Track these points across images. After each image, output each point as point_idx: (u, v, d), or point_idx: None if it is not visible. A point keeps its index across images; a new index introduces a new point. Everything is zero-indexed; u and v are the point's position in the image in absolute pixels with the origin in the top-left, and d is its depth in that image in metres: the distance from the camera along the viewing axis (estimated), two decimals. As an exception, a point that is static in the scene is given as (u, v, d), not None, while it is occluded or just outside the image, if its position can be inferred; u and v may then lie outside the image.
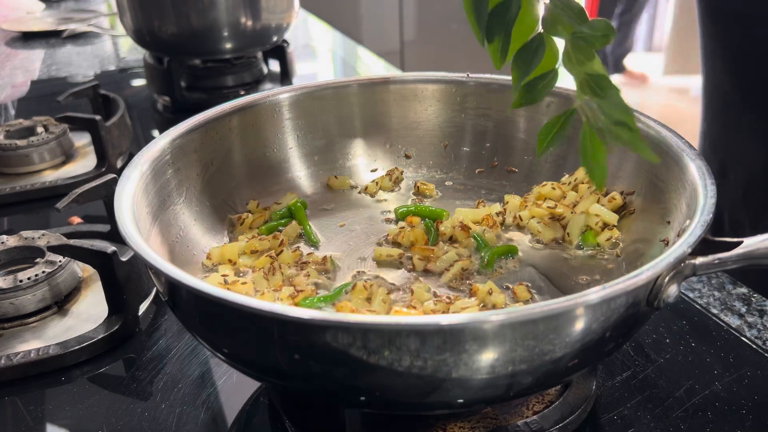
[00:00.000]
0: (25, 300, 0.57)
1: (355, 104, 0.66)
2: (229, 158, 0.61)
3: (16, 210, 0.82)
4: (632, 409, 0.48)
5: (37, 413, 0.50)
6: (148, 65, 1.13)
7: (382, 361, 0.34)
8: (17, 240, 0.63)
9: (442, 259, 0.54)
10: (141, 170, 0.50)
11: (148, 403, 0.50)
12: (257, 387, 0.52)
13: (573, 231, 0.56)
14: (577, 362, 0.38)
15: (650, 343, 0.54)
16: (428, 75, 0.66)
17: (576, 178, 0.59)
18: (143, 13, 1.03)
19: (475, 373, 0.35)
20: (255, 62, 1.15)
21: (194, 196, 0.57)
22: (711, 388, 0.50)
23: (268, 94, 0.63)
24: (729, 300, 0.60)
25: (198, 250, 0.55)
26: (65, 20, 1.67)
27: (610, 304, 0.36)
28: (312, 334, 0.34)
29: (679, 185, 0.48)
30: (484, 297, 0.48)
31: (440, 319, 0.33)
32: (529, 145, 0.63)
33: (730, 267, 0.41)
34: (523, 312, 0.34)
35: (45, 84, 1.28)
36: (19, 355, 0.54)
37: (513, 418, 0.45)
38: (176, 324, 0.59)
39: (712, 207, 0.42)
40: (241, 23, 1.03)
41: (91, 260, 0.56)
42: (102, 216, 0.71)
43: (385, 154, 0.68)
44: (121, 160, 0.90)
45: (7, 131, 0.89)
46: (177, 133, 0.55)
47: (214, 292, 0.35)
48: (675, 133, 0.51)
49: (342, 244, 0.58)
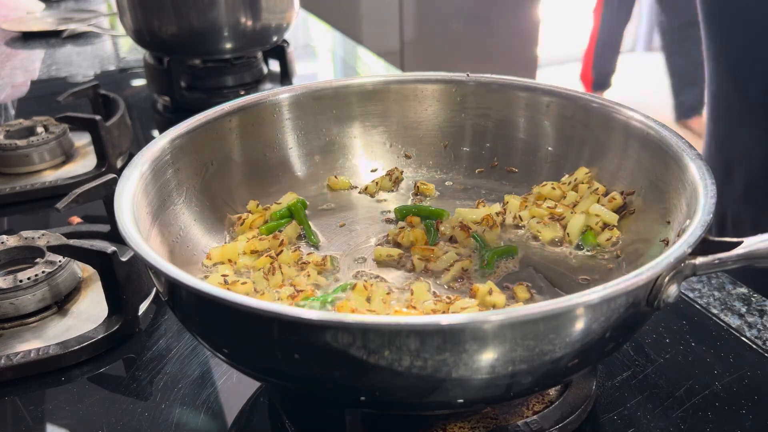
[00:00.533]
0: (25, 300, 0.57)
1: (355, 104, 0.66)
2: (229, 158, 0.61)
3: (16, 210, 0.82)
4: (632, 409, 0.48)
5: (37, 413, 0.50)
6: (148, 65, 1.13)
7: (382, 361, 0.34)
8: (17, 240, 0.63)
9: (442, 259, 0.54)
10: (141, 170, 0.50)
11: (148, 403, 0.50)
12: (257, 387, 0.52)
13: (573, 231, 0.56)
14: (577, 362, 0.38)
15: (650, 343, 0.54)
16: (428, 75, 0.66)
17: (576, 178, 0.59)
18: (143, 13, 1.03)
19: (475, 373, 0.35)
20: (255, 62, 1.15)
21: (194, 196, 0.57)
22: (711, 388, 0.50)
23: (268, 94, 0.63)
24: (729, 300, 0.60)
25: (198, 250, 0.55)
26: (65, 20, 1.67)
27: (610, 304, 0.36)
28: (312, 334, 0.34)
29: (679, 185, 0.48)
30: (484, 297, 0.48)
31: (440, 319, 0.33)
32: (529, 145, 0.63)
33: (730, 267, 0.41)
34: (523, 312, 0.34)
35: (45, 84, 1.28)
36: (19, 355, 0.54)
37: (513, 418, 0.45)
38: (176, 324, 0.59)
39: (712, 207, 0.42)
40: (241, 23, 1.03)
41: (91, 260, 0.56)
42: (102, 216, 0.71)
43: (385, 154, 0.68)
44: (121, 160, 0.90)
45: (7, 131, 0.89)
46: (177, 133, 0.55)
47: (214, 292, 0.35)
48: (675, 133, 0.51)
49: (342, 244, 0.58)
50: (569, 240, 0.56)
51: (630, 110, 0.55)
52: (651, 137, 0.53)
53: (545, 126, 0.62)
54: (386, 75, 0.67)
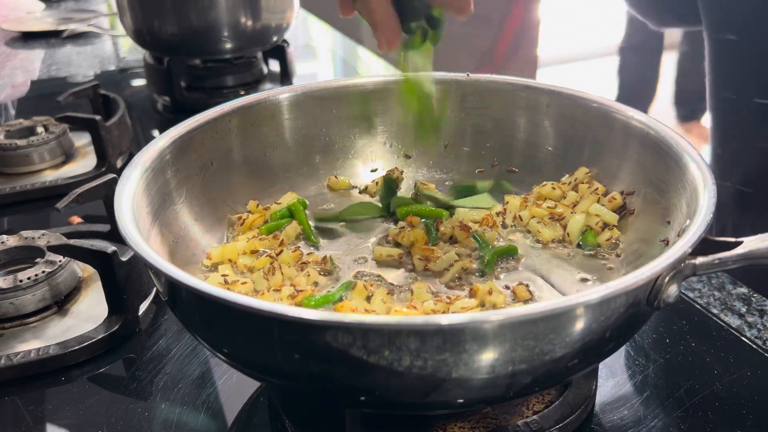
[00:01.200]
0: (25, 300, 0.57)
1: (355, 104, 0.66)
2: (229, 158, 0.61)
3: (16, 210, 0.82)
4: (632, 409, 0.48)
5: (37, 413, 0.50)
6: (148, 65, 1.13)
7: (382, 361, 0.34)
8: (17, 240, 0.63)
9: (442, 259, 0.54)
10: (141, 170, 0.50)
11: (148, 403, 0.50)
12: (257, 387, 0.52)
13: (573, 231, 0.56)
14: (577, 362, 0.38)
15: (650, 343, 0.54)
16: (428, 75, 0.66)
17: (576, 178, 0.59)
18: (143, 13, 1.03)
19: (475, 373, 0.35)
20: (255, 62, 1.15)
21: (194, 196, 0.56)
22: (711, 388, 0.50)
23: (268, 94, 0.63)
24: (729, 300, 0.60)
25: (198, 250, 0.55)
26: (65, 20, 1.67)
27: (610, 304, 0.36)
28: (312, 334, 0.34)
29: (679, 185, 0.48)
30: (484, 297, 0.48)
31: (440, 319, 0.33)
32: (529, 145, 0.63)
33: (730, 267, 0.41)
34: (523, 312, 0.34)
35: (45, 84, 1.28)
36: (19, 355, 0.54)
37: (513, 418, 0.45)
38: (176, 324, 0.58)
39: (712, 207, 0.42)
40: (241, 23, 1.03)
41: (91, 260, 0.56)
42: (102, 216, 0.71)
43: (385, 154, 0.68)
44: (121, 160, 0.90)
45: (7, 131, 0.89)
46: (177, 133, 0.55)
47: (214, 292, 0.35)
48: (675, 133, 0.51)
49: (342, 244, 0.58)
50: (569, 240, 0.56)
51: (630, 110, 0.55)
52: (651, 137, 0.53)
53: (545, 126, 0.62)
54: (386, 75, 0.67)
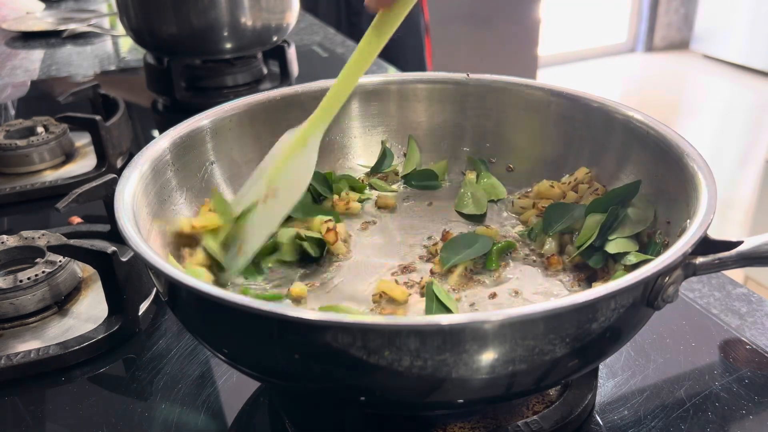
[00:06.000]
0: (25, 300, 0.57)
1: (355, 104, 0.66)
2: (229, 158, 0.61)
3: (16, 210, 0.82)
4: (632, 409, 0.48)
5: (37, 413, 0.50)
6: (148, 65, 1.13)
7: (382, 361, 0.34)
8: (17, 240, 0.63)
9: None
10: (141, 170, 0.50)
11: (148, 403, 0.50)
12: (257, 387, 0.51)
13: (573, 231, 0.56)
14: (577, 362, 0.38)
15: (650, 343, 0.54)
16: (428, 75, 0.66)
17: (576, 178, 0.59)
18: (143, 13, 1.03)
19: (475, 373, 0.35)
20: (255, 62, 1.15)
21: (194, 196, 0.56)
22: (711, 388, 0.50)
23: (268, 95, 0.63)
24: (729, 300, 0.60)
25: (198, 250, 0.55)
26: (65, 20, 1.67)
27: (610, 304, 0.36)
28: (312, 334, 0.34)
29: (678, 185, 0.48)
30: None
31: (440, 319, 0.33)
32: (529, 145, 0.63)
33: (730, 267, 0.41)
34: (523, 312, 0.34)
35: (45, 84, 1.28)
36: (19, 355, 0.54)
37: (513, 418, 0.45)
38: (176, 324, 0.58)
39: (713, 207, 0.42)
40: (241, 23, 1.03)
41: (91, 260, 0.56)
42: (102, 216, 0.71)
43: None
44: (121, 160, 0.90)
45: (7, 131, 0.89)
46: (177, 133, 0.55)
47: (214, 292, 0.35)
48: (675, 133, 0.51)
49: (342, 244, 0.58)
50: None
51: (630, 110, 0.55)
52: (651, 137, 0.52)
53: (545, 126, 0.62)
54: (386, 75, 0.67)
